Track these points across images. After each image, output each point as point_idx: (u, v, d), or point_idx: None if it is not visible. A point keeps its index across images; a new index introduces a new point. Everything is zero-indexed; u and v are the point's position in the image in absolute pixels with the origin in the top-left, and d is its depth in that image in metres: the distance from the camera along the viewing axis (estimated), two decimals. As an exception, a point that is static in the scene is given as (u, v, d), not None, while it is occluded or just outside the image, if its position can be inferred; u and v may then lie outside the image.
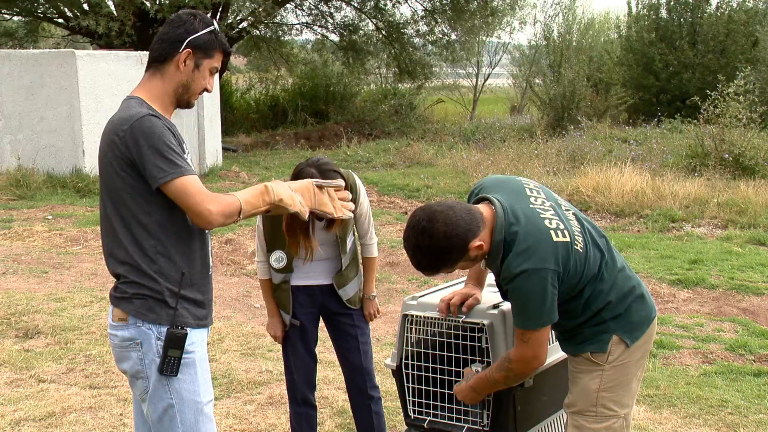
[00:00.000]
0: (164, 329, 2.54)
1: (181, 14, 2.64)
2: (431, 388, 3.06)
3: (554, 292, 2.60)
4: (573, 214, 2.77)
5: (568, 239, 2.62)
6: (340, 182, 2.82)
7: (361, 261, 3.72)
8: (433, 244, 2.60)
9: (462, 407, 3.12)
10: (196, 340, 2.61)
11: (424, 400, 3.08)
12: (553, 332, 2.96)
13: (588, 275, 2.68)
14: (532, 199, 2.72)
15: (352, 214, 2.91)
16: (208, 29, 2.61)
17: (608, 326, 2.74)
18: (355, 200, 3.54)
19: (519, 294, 2.61)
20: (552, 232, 2.61)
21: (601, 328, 2.74)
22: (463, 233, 2.60)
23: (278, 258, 3.54)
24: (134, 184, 2.50)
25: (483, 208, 2.68)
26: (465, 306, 2.95)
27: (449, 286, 3.26)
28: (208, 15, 14.87)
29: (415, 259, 2.68)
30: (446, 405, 3.01)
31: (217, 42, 2.64)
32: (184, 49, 2.58)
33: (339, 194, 2.80)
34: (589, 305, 2.72)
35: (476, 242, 2.62)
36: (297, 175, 3.34)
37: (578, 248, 2.64)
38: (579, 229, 2.71)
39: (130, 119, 2.49)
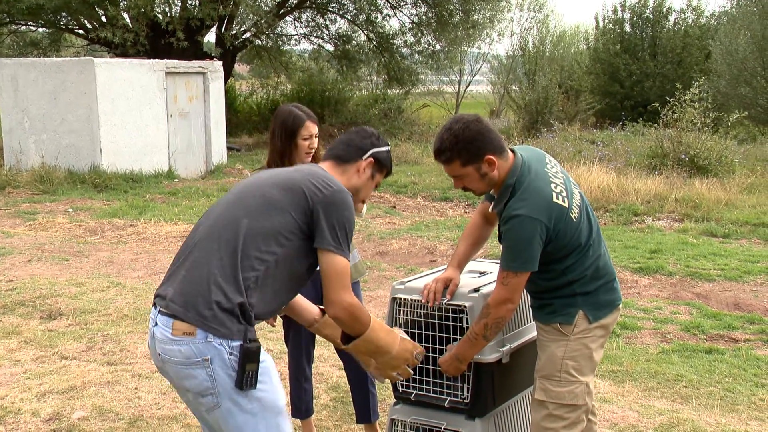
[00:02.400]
0: (236, 344, 2.28)
1: (367, 128, 2.69)
2: (418, 365, 3.07)
3: (540, 243, 2.64)
4: (579, 192, 2.83)
5: (565, 205, 2.68)
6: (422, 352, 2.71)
7: None
8: (463, 131, 2.64)
9: (445, 382, 3.13)
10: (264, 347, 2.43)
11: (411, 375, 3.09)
12: (529, 301, 2.99)
13: (574, 244, 2.73)
14: (548, 167, 2.78)
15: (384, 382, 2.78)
16: (386, 148, 2.67)
17: (576, 301, 2.79)
18: None
19: (509, 235, 2.65)
20: (554, 194, 2.68)
21: (570, 302, 2.78)
22: (488, 141, 2.66)
23: None
24: (296, 232, 2.36)
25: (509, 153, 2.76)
26: (448, 293, 2.95)
27: (433, 273, 3.26)
28: (215, 26, 14.75)
29: (439, 141, 2.68)
30: (431, 380, 3.02)
31: (389, 162, 2.69)
32: (367, 158, 2.61)
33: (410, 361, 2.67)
34: (566, 273, 2.76)
35: (493, 158, 2.66)
36: (278, 114, 3.48)
37: (572, 216, 2.70)
38: (579, 203, 2.76)
39: (334, 186, 2.41)
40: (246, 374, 2.29)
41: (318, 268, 2.43)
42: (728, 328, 5.63)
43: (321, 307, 2.67)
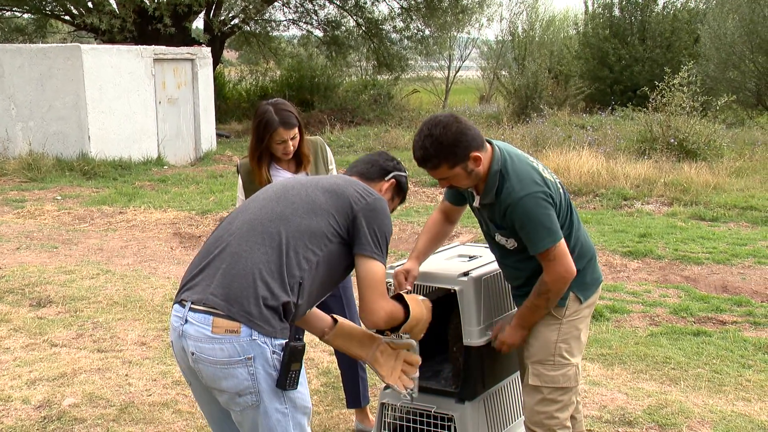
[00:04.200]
0: (279, 342, 2.21)
1: (388, 153, 2.74)
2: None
3: (552, 210, 2.66)
4: (556, 179, 2.84)
5: (550, 179, 2.74)
6: (412, 342, 2.65)
7: None
8: (444, 134, 2.60)
9: (433, 368, 3.15)
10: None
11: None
12: (512, 291, 3.00)
13: (561, 220, 2.74)
14: (525, 155, 2.81)
15: (404, 391, 2.66)
16: (407, 174, 2.74)
17: None
18: (326, 163, 3.61)
19: (528, 217, 2.64)
20: (538, 169, 2.73)
21: None
22: (471, 139, 2.63)
23: None
24: (337, 235, 2.35)
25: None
26: (408, 284, 2.95)
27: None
28: (202, 12, 14.61)
29: (422, 149, 2.64)
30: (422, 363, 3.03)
31: (407, 187, 2.75)
32: (389, 179, 2.66)
33: (408, 359, 2.65)
34: None
35: (478, 154, 2.65)
36: (255, 112, 3.40)
37: (553, 196, 2.70)
38: (557, 187, 2.77)
39: (375, 194, 2.44)
40: (290, 374, 2.22)
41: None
42: (716, 311, 5.67)
43: (333, 316, 2.66)
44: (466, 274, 2.93)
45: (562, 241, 2.68)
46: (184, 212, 9.46)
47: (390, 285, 2.95)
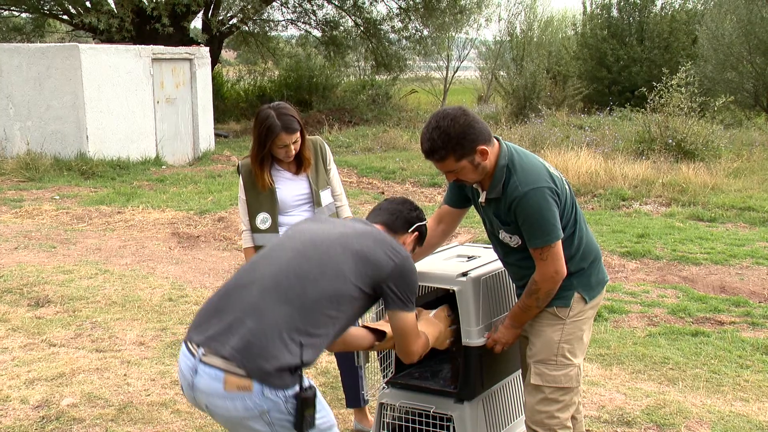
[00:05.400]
0: (291, 392, 2.23)
1: (410, 200, 2.79)
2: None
3: (556, 208, 2.68)
4: (562, 176, 2.86)
5: (557, 174, 2.76)
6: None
7: None
8: (452, 126, 2.62)
9: (432, 368, 3.15)
10: (311, 359, 2.35)
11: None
12: (517, 291, 3.00)
13: (566, 218, 2.76)
14: (531, 153, 2.84)
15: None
16: (426, 223, 2.79)
17: (572, 283, 2.81)
18: (325, 162, 3.62)
19: (530, 212, 2.66)
20: (546, 164, 2.77)
21: (565, 284, 2.79)
22: (478, 132, 2.65)
23: (263, 219, 3.53)
24: (362, 295, 2.39)
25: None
26: None
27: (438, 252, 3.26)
28: (201, 12, 14.54)
29: (430, 141, 2.65)
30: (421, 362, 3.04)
31: (426, 235, 2.81)
32: (413, 231, 2.71)
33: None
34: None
35: (485, 147, 2.66)
36: (257, 115, 3.39)
37: (559, 192, 2.72)
38: (562, 184, 2.79)
39: (402, 253, 2.47)
40: (305, 419, 2.24)
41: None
42: (714, 311, 5.68)
43: (368, 327, 2.78)
44: (464, 274, 2.93)
45: (559, 242, 2.69)
46: (182, 212, 9.46)
47: None
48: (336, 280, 2.33)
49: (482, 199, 2.82)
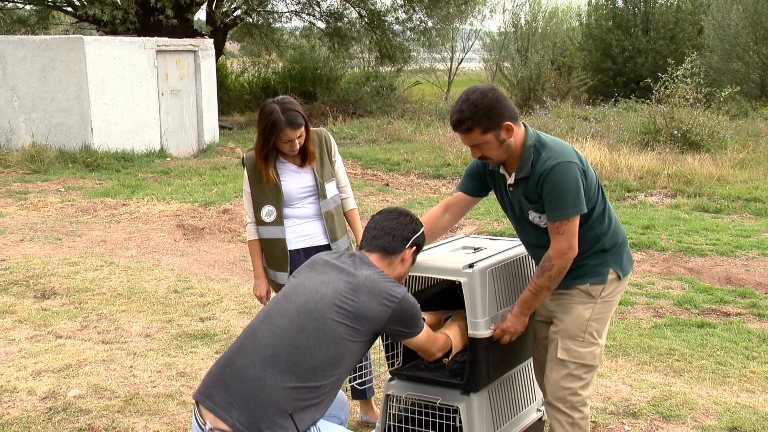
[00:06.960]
0: None
1: (402, 210, 2.80)
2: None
3: (582, 183, 2.73)
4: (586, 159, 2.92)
5: (581, 163, 2.80)
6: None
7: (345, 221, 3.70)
8: (481, 99, 2.70)
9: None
10: (317, 417, 2.46)
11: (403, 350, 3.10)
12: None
13: (596, 196, 2.83)
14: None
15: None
16: (423, 230, 2.79)
17: (606, 259, 2.88)
18: (330, 154, 3.61)
19: (555, 185, 2.71)
20: (572, 148, 2.83)
21: (600, 261, 2.87)
22: (506, 108, 2.73)
23: (269, 212, 3.52)
24: (362, 344, 2.48)
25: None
26: None
27: (441, 245, 3.26)
28: (205, 3, 14.50)
29: (458, 112, 2.72)
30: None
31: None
32: (410, 247, 2.72)
33: None
34: (593, 226, 2.85)
35: (511, 124, 2.73)
36: (261, 110, 3.39)
37: (586, 171, 2.79)
38: (588, 164, 2.86)
39: (398, 294, 2.51)
40: None
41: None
42: (720, 303, 5.66)
43: (436, 315, 3.05)
44: (471, 265, 2.92)
45: (578, 219, 2.74)
46: (187, 204, 9.46)
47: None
48: (335, 347, 2.42)
49: (510, 180, 2.86)
